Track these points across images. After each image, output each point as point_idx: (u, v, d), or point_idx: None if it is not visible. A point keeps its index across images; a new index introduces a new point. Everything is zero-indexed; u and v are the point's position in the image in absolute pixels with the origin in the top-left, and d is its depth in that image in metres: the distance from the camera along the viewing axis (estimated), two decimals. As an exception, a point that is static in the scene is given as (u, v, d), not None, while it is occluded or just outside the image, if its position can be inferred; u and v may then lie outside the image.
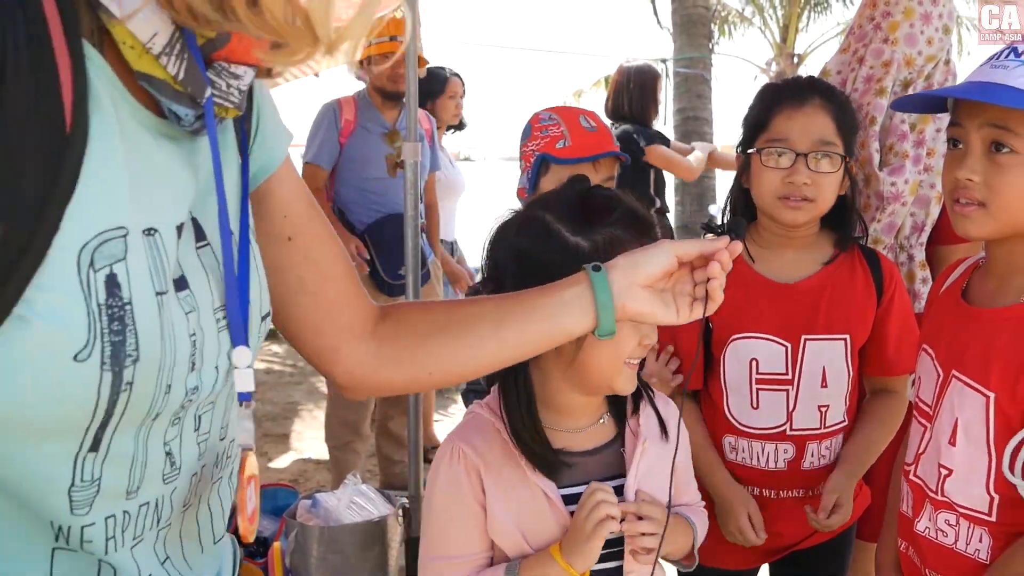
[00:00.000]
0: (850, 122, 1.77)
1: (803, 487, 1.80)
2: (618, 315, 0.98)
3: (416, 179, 2.46)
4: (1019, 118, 1.25)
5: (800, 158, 1.69)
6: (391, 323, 1.02)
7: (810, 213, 1.72)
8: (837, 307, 1.75)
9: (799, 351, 1.74)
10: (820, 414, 1.76)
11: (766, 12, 13.32)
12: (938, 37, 2.09)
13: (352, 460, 3.65)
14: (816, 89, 1.76)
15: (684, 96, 7.60)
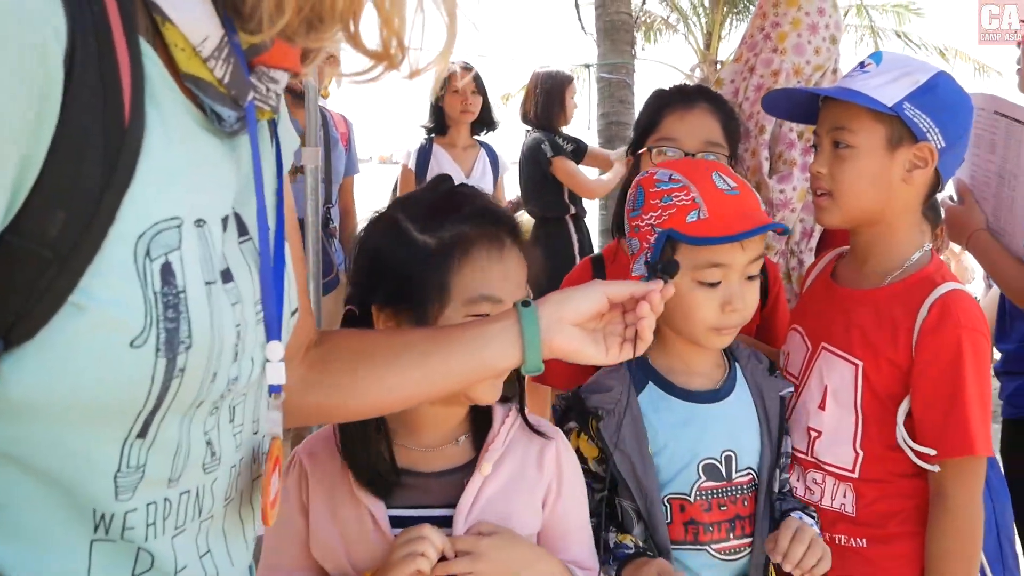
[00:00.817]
0: (735, 128, 1.84)
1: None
2: (545, 352, 1.00)
3: (316, 184, 2.43)
4: (854, 119, 1.48)
5: (688, 157, 1.73)
6: (323, 349, 1.01)
7: None
8: None
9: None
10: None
11: (690, 19, 13.55)
12: (825, 47, 2.15)
13: None
14: (704, 95, 1.83)
15: (608, 101, 7.64)
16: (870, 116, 1.46)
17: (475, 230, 1.17)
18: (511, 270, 1.18)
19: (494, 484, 1.22)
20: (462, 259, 1.15)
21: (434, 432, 1.26)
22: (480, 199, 1.25)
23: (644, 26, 13.62)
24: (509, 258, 1.18)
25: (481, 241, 1.16)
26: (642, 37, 13.73)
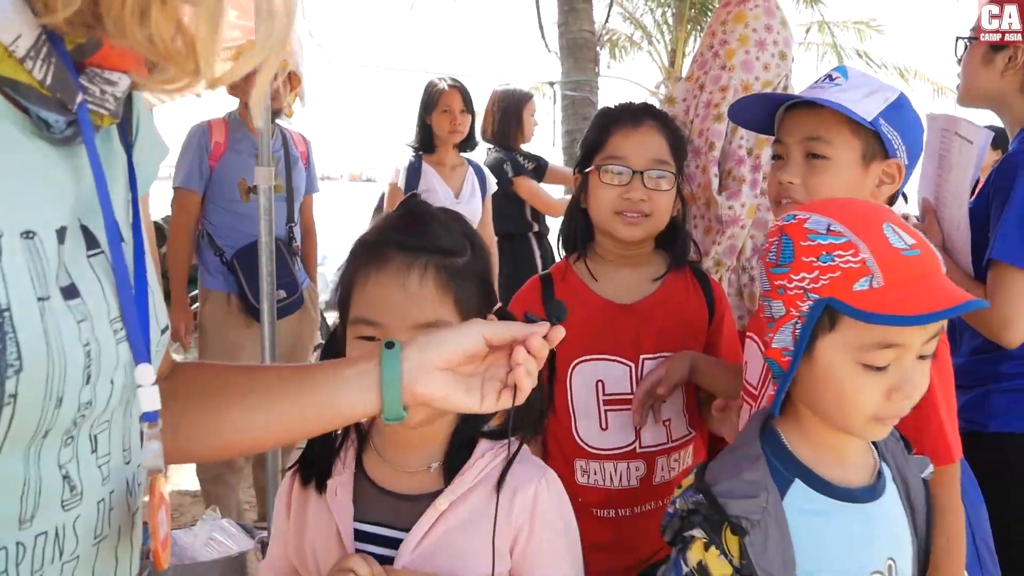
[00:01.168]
0: (681, 146, 1.83)
1: (655, 500, 1.82)
2: (406, 398, 0.90)
3: (270, 205, 2.41)
4: (831, 130, 1.45)
5: (636, 175, 1.73)
6: (170, 383, 0.92)
7: (646, 229, 1.76)
8: (672, 326, 1.79)
9: (639, 370, 1.77)
10: (665, 429, 1.80)
11: (654, 37, 13.68)
12: (775, 63, 2.17)
13: (225, 493, 3.53)
14: (650, 113, 1.82)
15: (572, 119, 7.69)
16: (848, 128, 1.45)
17: (372, 249, 1.14)
18: (398, 295, 1.11)
19: (454, 518, 1.17)
20: (353, 277, 1.15)
21: (409, 453, 1.21)
22: (413, 221, 1.18)
23: (609, 44, 13.75)
24: (401, 283, 1.11)
25: (371, 261, 1.13)
26: (607, 54, 13.86)
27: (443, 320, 1.11)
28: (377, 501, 1.20)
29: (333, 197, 3.68)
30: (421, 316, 1.11)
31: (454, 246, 1.16)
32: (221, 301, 3.44)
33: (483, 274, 1.20)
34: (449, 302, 1.13)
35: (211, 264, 3.47)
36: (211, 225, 3.49)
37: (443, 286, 1.13)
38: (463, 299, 1.14)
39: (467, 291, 1.14)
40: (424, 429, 1.17)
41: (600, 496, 1.81)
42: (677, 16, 13.09)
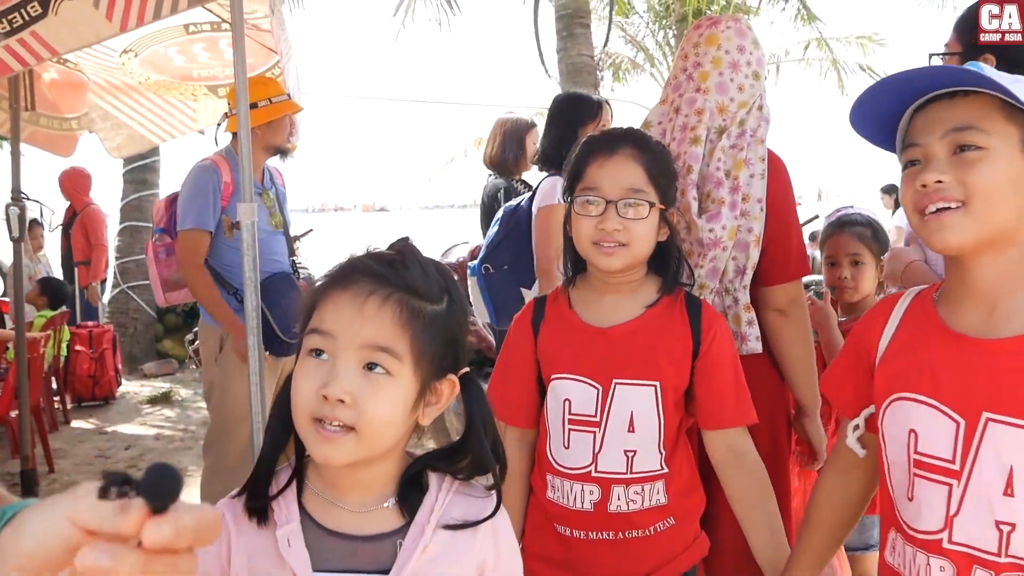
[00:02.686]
0: (663, 170, 1.81)
1: (611, 530, 1.79)
2: None
3: (254, 240, 2.42)
4: (984, 119, 1.24)
5: (610, 205, 1.74)
6: None
7: (624, 259, 1.75)
8: (649, 353, 1.77)
9: (609, 394, 1.76)
10: (626, 458, 1.76)
11: (656, 59, 13.72)
12: (748, 84, 2.17)
13: None
14: (628, 139, 1.81)
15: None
16: (1001, 115, 1.24)
17: (343, 271, 1.13)
18: (354, 312, 1.07)
19: (426, 554, 1.14)
20: (318, 294, 1.12)
21: (360, 493, 1.16)
22: (394, 257, 1.15)
23: (612, 67, 13.80)
24: (360, 302, 1.08)
25: (338, 281, 1.11)
26: (611, 77, 13.90)
27: (394, 350, 1.07)
28: (332, 546, 1.14)
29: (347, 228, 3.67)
30: (373, 336, 1.07)
31: (427, 290, 1.12)
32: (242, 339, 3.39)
33: (452, 331, 1.15)
34: (406, 338, 1.09)
35: (228, 304, 3.48)
36: (223, 265, 3.50)
37: (402, 321, 1.09)
38: (422, 343, 1.10)
39: (429, 338, 1.10)
40: (371, 469, 1.14)
41: (560, 512, 1.82)
42: (679, 37, 13.14)
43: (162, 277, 3.49)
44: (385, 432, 1.09)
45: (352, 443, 1.07)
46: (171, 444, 6.15)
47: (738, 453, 1.79)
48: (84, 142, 6.25)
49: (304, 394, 1.07)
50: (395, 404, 1.09)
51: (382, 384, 1.07)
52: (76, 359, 7.10)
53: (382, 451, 1.12)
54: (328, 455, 1.07)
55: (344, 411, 1.05)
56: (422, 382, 1.11)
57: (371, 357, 1.07)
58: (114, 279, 8.98)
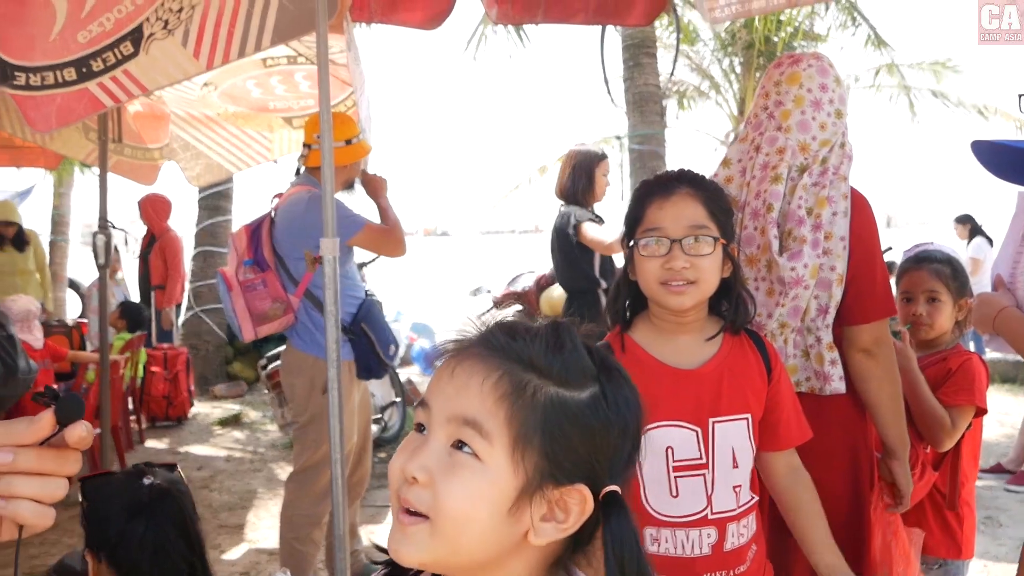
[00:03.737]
0: (722, 206, 1.83)
1: (724, 568, 1.81)
2: None
3: (335, 274, 2.49)
4: None
5: (675, 244, 1.76)
6: None
7: (694, 297, 1.77)
8: (737, 388, 1.80)
9: (709, 434, 1.78)
10: (735, 494, 1.80)
11: (722, 86, 13.67)
12: (831, 122, 2.16)
13: (311, 552, 3.63)
14: (684, 179, 1.84)
15: (639, 172, 7.74)
16: None
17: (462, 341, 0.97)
18: (445, 380, 0.93)
19: None
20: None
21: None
22: (510, 325, 0.97)
23: (677, 94, 13.77)
24: (451, 370, 0.93)
25: (450, 352, 0.96)
26: (675, 105, 13.87)
27: (482, 426, 0.88)
28: None
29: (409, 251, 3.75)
30: (460, 408, 0.90)
31: (551, 368, 0.90)
32: (344, 369, 3.42)
33: (592, 431, 0.90)
34: (500, 415, 0.88)
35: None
36: (321, 291, 3.51)
37: (498, 395, 0.89)
38: (526, 427, 0.88)
39: (541, 425, 0.88)
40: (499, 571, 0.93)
41: (670, 564, 1.80)
42: (745, 65, 13.07)
43: (254, 311, 3.54)
44: (465, 530, 0.87)
45: (424, 535, 0.88)
46: (241, 466, 6.27)
47: (795, 469, 1.88)
48: (163, 170, 6.48)
49: (392, 469, 0.93)
50: (478, 495, 0.87)
51: (465, 466, 0.88)
52: (151, 380, 7.30)
53: (465, 559, 0.90)
54: (396, 548, 0.90)
55: (417, 491, 0.88)
56: (526, 480, 0.88)
57: (458, 433, 0.89)
58: (188, 302, 9.22)
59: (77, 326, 7.34)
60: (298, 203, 3.59)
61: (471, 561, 0.90)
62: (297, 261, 3.59)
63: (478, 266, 23.03)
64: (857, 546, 2.15)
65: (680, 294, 1.76)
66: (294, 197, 3.64)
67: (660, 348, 1.84)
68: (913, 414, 2.49)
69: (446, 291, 15.88)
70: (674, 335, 1.84)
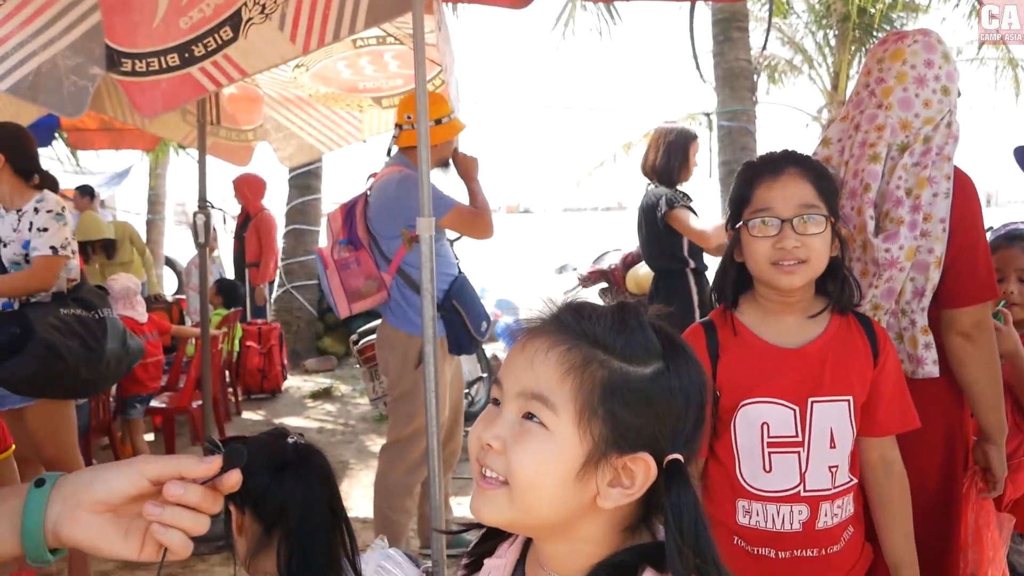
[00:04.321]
0: (829, 186, 1.85)
1: (815, 547, 1.83)
2: (51, 541, 0.85)
3: (431, 253, 2.55)
4: None
5: (786, 223, 1.76)
6: None
7: (806, 275, 1.78)
8: (840, 369, 1.81)
9: (807, 413, 1.80)
10: (831, 475, 1.81)
11: (815, 60, 13.30)
12: (936, 99, 2.10)
13: (403, 521, 3.75)
14: (791, 159, 1.85)
15: (728, 149, 7.63)
16: None
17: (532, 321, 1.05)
18: (517, 356, 1.01)
19: None
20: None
21: (558, 568, 1.03)
22: (578, 305, 1.04)
23: (768, 69, 13.46)
24: (522, 345, 1.01)
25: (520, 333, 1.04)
26: (766, 80, 13.56)
27: (549, 399, 0.95)
28: None
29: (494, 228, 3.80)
30: (528, 383, 0.97)
31: (615, 344, 0.96)
32: (437, 345, 3.51)
33: (656, 403, 0.96)
34: (566, 388, 0.95)
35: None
36: (413, 269, 3.60)
37: (564, 369, 0.95)
38: (591, 399, 0.94)
39: (605, 397, 0.94)
40: (557, 546, 1.02)
41: (761, 536, 1.83)
42: (840, 38, 12.69)
43: (348, 288, 3.65)
44: (535, 493, 0.95)
45: (503, 499, 0.96)
46: (333, 437, 6.45)
47: (888, 461, 1.86)
48: (256, 151, 6.66)
49: (471, 438, 1.02)
50: (546, 461, 0.94)
51: (534, 435, 0.95)
52: (247, 354, 7.56)
53: (539, 519, 0.98)
54: (477, 508, 0.99)
55: (493, 458, 0.97)
56: (592, 448, 0.95)
57: (527, 407, 0.96)
58: (279, 279, 9.48)
59: (176, 302, 7.63)
60: (389, 184, 3.67)
61: (543, 522, 0.98)
62: (389, 240, 3.67)
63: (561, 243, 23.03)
64: (947, 529, 2.13)
65: (791, 273, 1.77)
66: (386, 178, 3.72)
67: (765, 327, 1.86)
68: (1020, 396, 2.44)
69: (529, 268, 15.95)
70: (780, 315, 1.86)
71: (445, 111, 3.78)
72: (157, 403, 5.67)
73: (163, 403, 5.75)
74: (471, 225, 3.75)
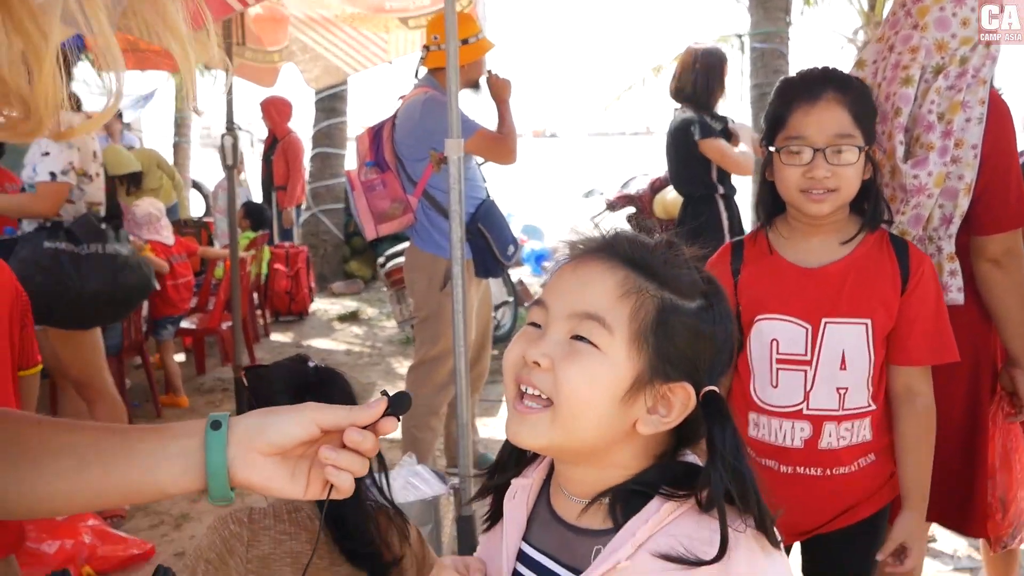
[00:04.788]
0: (867, 110, 1.82)
1: (819, 466, 1.86)
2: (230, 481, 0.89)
3: (460, 175, 2.55)
4: None
5: (818, 153, 1.75)
6: None
7: (834, 203, 1.79)
8: (860, 291, 1.81)
9: (819, 333, 1.81)
10: (838, 396, 1.82)
11: (851, -20, 12.88)
12: (974, 17, 2.05)
13: (428, 438, 3.82)
14: (830, 82, 1.81)
15: (761, 72, 7.46)
16: None
17: (575, 248, 1.07)
18: (568, 279, 1.02)
19: (621, 569, 0.97)
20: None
21: (582, 492, 1.04)
22: (629, 235, 1.07)
23: (802, -11, 13.07)
24: (574, 267, 1.03)
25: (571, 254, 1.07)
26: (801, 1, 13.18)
27: (605, 319, 0.97)
28: (548, 528, 1.08)
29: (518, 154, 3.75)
30: (583, 304, 0.98)
31: (666, 276, 0.99)
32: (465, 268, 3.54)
33: (697, 336, 0.99)
34: (624, 311, 0.97)
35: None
36: (441, 192, 3.60)
37: (622, 292, 0.98)
38: (644, 324, 0.97)
39: (657, 325, 0.97)
40: (586, 471, 1.04)
41: (767, 449, 1.88)
42: (878, -45, 12.27)
43: (374, 210, 3.67)
44: (584, 414, 0.96)
45: (546, 422, 0.97)
46: (360, 360, 6.56)
47: (913, 393, 1.83)
48: (283, 73, 6.62)
49: (510, 357, 1.01)
50: (598, 381, 0.96)
51: (586, 354, 0.96)
52: (275, 277, 7.64)
53: (580, 442, 0.99)
54: (517, 433, 1.00)
55: (539, 375, 0.97)
56: (639, 372, 0.97)
57: (579, 328, 0.97)
58: (307, 203, 9.51)
59: (204, 225, 7.70)
60: (415, 106, 3.66)
61: (583, 445, 0.99)
62: (415, 163, 3.68)
63: (587, 168, 22.85)
64: (973, 455, 2.15)
65: (820, 202, 1.78)
66: (412, 100, 3.70)
67: (791, 247, 1.88)
68: None
69: (555, 193, 15.86)
70: (808, 236, 1.86)
71: (473, 30, 3.74)
72: (187, 324, 5.77)
73: (193, 324, 5.85)
74: (494, 150, 3.74)
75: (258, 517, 1.63)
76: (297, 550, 1.59)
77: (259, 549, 1.58)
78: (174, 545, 3.59)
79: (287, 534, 1.61)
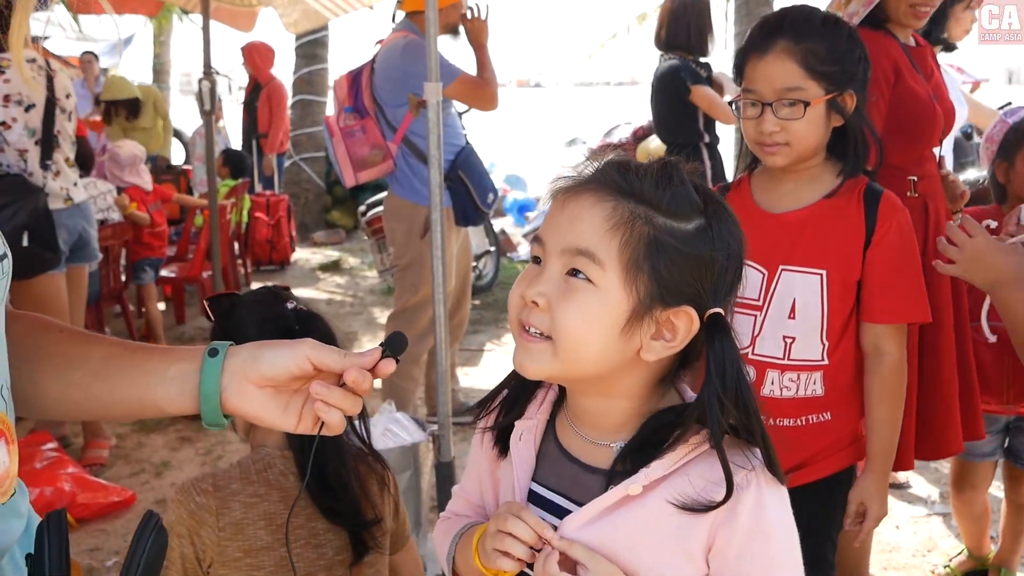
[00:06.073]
0: (829, 55, 1.72)
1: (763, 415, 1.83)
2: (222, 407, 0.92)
3: (438, 119, 2.51)
4: None
5: (767, 108, 1.73)
6: (16, 330, 0.94)
7: (788, 157, 1.76)
8: (817, 241, 1.78)
9: (774, 279, 1.79)
10: (784, 344, 1.80)
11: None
12: None
13: (409, 387, 3.81)
14: (783, 31, 1.73)
15: (745, 19, 7.39)
16: None
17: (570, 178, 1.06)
18: (560, 215, 1.01)
19: (640, 506, 0.99)
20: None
21: (591, 426, 1.07)
22: (622, 162, 1.04)
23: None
24: (562, 202, 1.02)
25: (561, 186, 1.05)
26: (787, -53, 13.03)
27: (595, 254, 0.96)
28: (558, 465, 1.09)
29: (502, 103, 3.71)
30: (573, 239, 0.98)
31: (660, 201, 0.97)
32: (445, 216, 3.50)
33: (698, 258, 0.97)
34: (613, 244, 0.96)
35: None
36: (420, 138, 3.51)
37: (611, 225, 0.97)
38: (637, 254, 0.96)
39: (651, 252, 0.96)
40: (595, 401, 1.05)
41: None
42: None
43: (354, 157, 3.61)
44: (581, 348, 0.97)
45: (547, 353, 0.98)
46: (342, 309, 6.54)
47: (880, 352, 1.78)
48: (261, 18, 6.49)
49: (512, 296, 1.03)
50: (592, 315, 0.96)
51: (579, 290, 0.97)
52: (255, 225, 7.57)
53: (583, 372, 1.00)
54: (521, 362, 1.01)
55: (537, 315, 0.98)
56: (637, 302, 0.96)
57: (572, 263, 0.97)
58: (288, 151, 9.40)
59: (183, 172, 7.60)
60: (394, 50, 3.60)
61: (587, 374, 1.00)
62: (395, 108, 3.62)
63: (571, 118, 22.68)
64: None
65: (773, 154, 1.76)
66: (391, 44, 3.64)
67: (763, 192, 1.87)
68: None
69: (539, 143, 15.76)
70: (781, 180, 1.84)
71: None
72: (167, 272, 5.72)
73: (173, 273, 5.80)
74: (475, 95, 3.69)
75: (224, 483, 1.56)
76: (271, 511, 1.54)
77: (230, 516, 1.53)
78: (155, 493, 3.59)
79: (258, 496, 1.55)
